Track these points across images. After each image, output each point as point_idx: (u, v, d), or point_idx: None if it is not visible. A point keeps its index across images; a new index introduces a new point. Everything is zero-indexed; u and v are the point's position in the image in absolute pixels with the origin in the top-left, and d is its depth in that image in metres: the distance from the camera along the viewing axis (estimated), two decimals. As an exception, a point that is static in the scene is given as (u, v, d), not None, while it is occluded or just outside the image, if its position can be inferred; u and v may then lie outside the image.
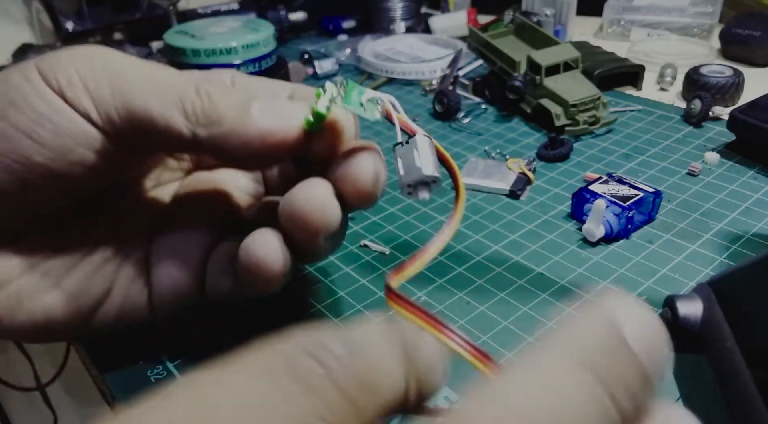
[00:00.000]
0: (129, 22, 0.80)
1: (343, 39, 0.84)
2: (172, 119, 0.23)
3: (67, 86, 0.23)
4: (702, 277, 0.36)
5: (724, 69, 0.58)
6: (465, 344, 0.17)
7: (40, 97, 0.23)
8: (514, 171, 0.47)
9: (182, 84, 0.24)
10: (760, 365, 0.17)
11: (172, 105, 0.23)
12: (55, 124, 0.23)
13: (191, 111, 0.23)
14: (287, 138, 0.24)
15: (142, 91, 0.23)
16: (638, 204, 0.39)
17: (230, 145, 0.24)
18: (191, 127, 0.23)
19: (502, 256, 0.39)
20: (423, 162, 0.24)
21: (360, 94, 0.24)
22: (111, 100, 0.23)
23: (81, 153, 0.24)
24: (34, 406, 0.90)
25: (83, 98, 0.23)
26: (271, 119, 0.24)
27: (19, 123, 0.22)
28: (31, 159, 0.23)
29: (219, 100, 0.24)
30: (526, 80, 0.56)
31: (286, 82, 0.30)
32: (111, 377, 0.31)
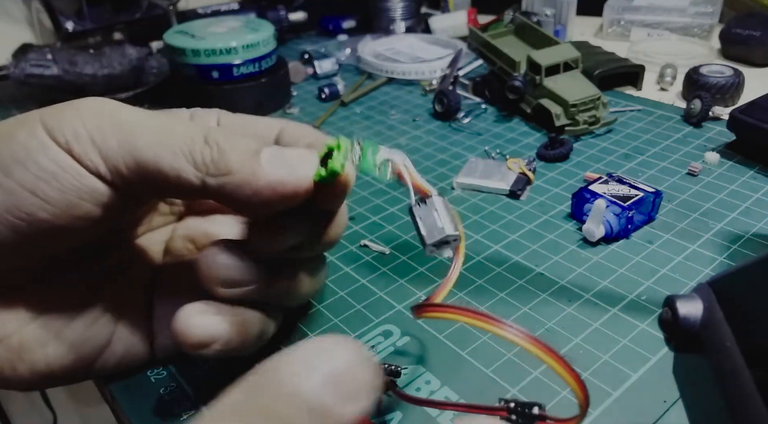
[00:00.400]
0: (129, 22, 0.80)
1: (343, 39, 0.84)
2: (181, 170, 0.23)
3: (74, 141, 0.23)
4: (702, 277, 0.36)
5: (724, 69, 0.58)
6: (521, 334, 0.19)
7: (46, 154, 0.22)
8: (514, 171, 0.47)
9: (190, 133, 0.24)
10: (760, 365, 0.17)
11: (181, 156, 0.23)
12: (62, 181, 0.22)
13: (201, 161, 0.23)
14: (298, 189, 0.24)
15: (151, 143, 0.23)
16: (638, 204, 0.39)
17: (240, 194, 0.23)
18: (201, 177, 0.23)
19: (502, 256, 0.39)
20: (444, 223, 0.25)
21: (374, 155, 0.25)
22: (119, 153, 0.23)
23: (86, 207, 0.23)
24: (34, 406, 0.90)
25: (91, 153, 0.23)
26: (281, 170, 0.23)
27: (24, 180, 0.22)
28: (35, 216, 0.23)
29: (228, 149, 0.23)
30: (526, 80, 0.56)
31: (273, 119, 0.30)
32: (111, 377, 0.31)
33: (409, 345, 0.32)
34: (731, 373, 0.18)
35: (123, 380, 0.30)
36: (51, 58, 0.62)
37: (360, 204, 0.45)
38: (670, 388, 0.28)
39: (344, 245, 0.40)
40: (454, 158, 0.51)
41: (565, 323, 0.33)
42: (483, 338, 0.32)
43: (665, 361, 0.30)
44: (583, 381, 0.20)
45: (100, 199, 0.23)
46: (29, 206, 0.22)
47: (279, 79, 0.64)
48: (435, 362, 0.31)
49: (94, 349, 0.28)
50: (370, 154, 0.25)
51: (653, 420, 0.27)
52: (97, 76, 0.62)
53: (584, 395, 0.20)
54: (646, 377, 0.29)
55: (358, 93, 0.66)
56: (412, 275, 0.37)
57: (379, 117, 0.61)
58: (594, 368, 0.30)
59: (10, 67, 0.62)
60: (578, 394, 0.20)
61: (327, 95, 0.65)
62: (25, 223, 0.23)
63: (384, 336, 0.33)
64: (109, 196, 0.24)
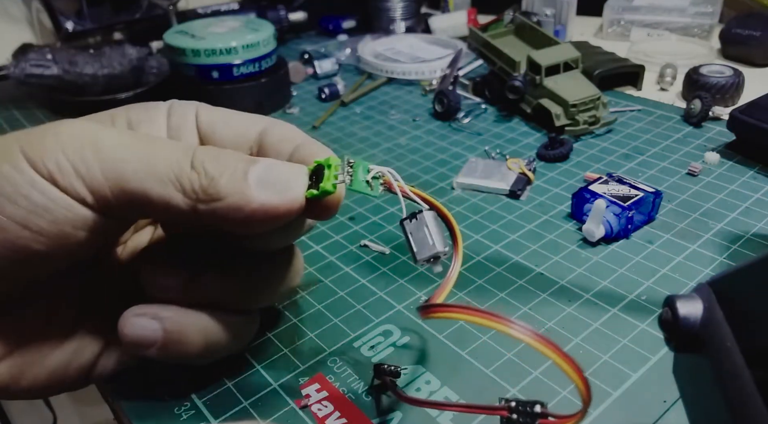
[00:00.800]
0: (129, 22, 0.80)
1: (343, 39, 0.84)
2: (171, 199, 0.23)
3: (57, 173, 0.22)
4: (702, 277, 0.36)
5: (724, 69, 0.58)
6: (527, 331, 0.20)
7: (34, 187, 0.22)
8: (514, 171, 0.47)
9: (176, 158, 0.23)
10: (760, 365, 0.17)
11: (169, 184, 0.23)
12: (54, 214, 0.22)
13: (190, 189, 0.23)
14: (290, 210, 0.24)
15: (137, 172, 0.22)
16: (638, 204, 0.39)
17: (233, 218, 0.23)
18: (191, 204, 0.23)
19: (502, 256, 0.39)
20: (435, 239, 0.25)
21: (365, 173, 0.25)
22: (105, 184, 0.22)
23: (79, 235, 0.23)
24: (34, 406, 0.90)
25: (76, 184, 0.22)
26: (272, 193, 0.23)
27: (15, 216, 0.22)
28: (29, 248, 0.22)
29: (217, 175, 0.23)
30: (526, 80, 0.56)
31: (255, 115, 0.29)
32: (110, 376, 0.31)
33: (409, 345, 0.32)
34: (731, 373, 0.18)
35: (123, 380, 0.30)
36: (51, 58, 0.62)
37: (360, 204, 0.45)
38: (670, 388, 0.28)
39: (344, 245, 0.40)
40: (454, 158, 0.51)
41: (565, 323, 0.33)
42: (483, 338, 0.32)
43: (665, 361, 0.30)
44: (586, 377, 0.20)
45: (92, 226, 0.23)
46: (22, 239, 0.22)
47: (279, 79, 0.64)
48: (435, 362, 0.31)
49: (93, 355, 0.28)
50: (361, 172, 0.25)
51: (653, 420, 0.27)
52: (97, 76, 0.62)
53: (587, 390, 0.20)
54: (646, 377, 0.29)
55: (358, 93, 0.66)
56: (412, 275, 0.37)
57: (379, 117, 0.61)
58: (594, 368, 0.30)
59: (10, 67, 0.62)
60: (581, 389, 0.20)
61: (327, 95, 0.65)
62: (17, 254, 0.22)
63: (384, 336, 0.33)
64: (100, 222, 0.23)
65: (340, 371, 0.31)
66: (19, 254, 0.22)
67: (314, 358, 0.31)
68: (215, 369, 0.31)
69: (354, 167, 0.25)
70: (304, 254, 0.39)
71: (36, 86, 0.63)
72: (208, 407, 0.29)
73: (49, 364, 0.26)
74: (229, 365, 0.31)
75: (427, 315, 0.24)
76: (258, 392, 0.30)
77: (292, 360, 0.31)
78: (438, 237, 0.25)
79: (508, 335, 0.20)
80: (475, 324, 0.22)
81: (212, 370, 0.31)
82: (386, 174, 0.26)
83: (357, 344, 0.32)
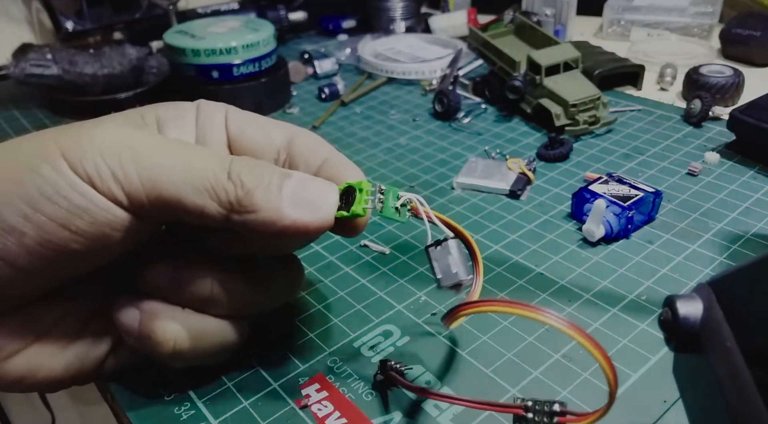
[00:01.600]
0: (129, 21, 0.80)
1: (343, 39, 0.84)
2: (205, 207, 0.23)
3: (96, 176, 0.22)
4: (702, 277, 0.36)
5: (724, 69, 0.58)
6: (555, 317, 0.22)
7: (76, 190, 0.22)
8: (514, 171, 0.47)
9: (212, 168, 0.24)
10: (760, 365, 0.17)
11: (204, 194, 0.23)
12: (93, 215, 0.23)
13: (225, 199, 0.23)
14: (320, 228, 0.25)
15: (173, 180, 0.23)
16: (638, 204, 0.39)
17: (264, 230, 0.24)
18: (224, 214, 0.24)
19: (502, 256, 0.39)
20: (459, 267, 0.26)
21: (395, 199, 0.26)
22: (141, 190, 0.23)
23: (115, 236, 0.24)
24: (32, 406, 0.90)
25: (114, 189, 0.23)
26: (305, 210, 0.24)
27: (56, 216, 0.22)
28: (67, 247, 0.23)
29: (253, 188, 0.24)
30: (526, 80, 0.56)
31: (284, 124, 0.30)
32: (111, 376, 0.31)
33: (409, 345, 0.32)
34: (731, 373, 0.18)
35: (123, 380, 0.30)
36: (51, 58, 0.62)
37: (360, 204, 0.45)
38: (670, 388, 0.28)
39: (344, 245, 0.40)
40: (454, 158, 0.51)
41: (565, 323, 0.33)
42: (483, 338, 0.32)
43: (665, 361, 0.30)
44: (614, 365, 0.21)
45: (128, 227, 0.24)
46: (62, 239, 0.22)
47: (279, 79, 0.64)
48: (435, 362, 0.31)
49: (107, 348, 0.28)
50: (391, 199, 0.26)
51: (653, 420, 0.27)
52: (97, 76, 0.62)
53: (614, 377, 0.21)
54: (647, 377, 0.29)
55: (358, 93, 0.66)
56: (412, 275, 0.37)
57: (379, 117, 0.61)
58: (594, 367, 0.30)
59: (10, 66, 0.62)
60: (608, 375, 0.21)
61: (327, 95, 0.65)
62: (57, 254, 0.23)
63: (384, 336, 0.33)
64: (135, 224, 0.24)
65: (340, 371, 0.31)
66: (58, 253, 0.23)
67: (314, 358, 0.31)
68: (216, 369, 0.31)
69: (384, 194, 0.26)
70: (304, 254, 0.40)
71: (36, 86, 0.63)
72: (208, 406, 0.29)
73: (65, 357, 0.27)
74: (230, 365, 0.31)
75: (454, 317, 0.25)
76: (258, 392, 0.30)
77: (292, 360, 0.31)
78: (461, 266, 0.26)
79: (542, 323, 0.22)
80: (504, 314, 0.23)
81: (213, 370, 0.31)
82: (414, 201, 0.27)
83: (357, 344, 0.32)
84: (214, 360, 0.29)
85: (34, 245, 0.22)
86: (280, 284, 0.29)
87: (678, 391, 0.23)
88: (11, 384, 0.26)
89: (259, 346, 0.32)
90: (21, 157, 0.23)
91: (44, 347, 0.26)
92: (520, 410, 0.23)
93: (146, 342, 0.26)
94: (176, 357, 0.27)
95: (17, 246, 0.22)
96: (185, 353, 0.27)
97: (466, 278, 0.26)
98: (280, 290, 0.29)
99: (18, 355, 0.26)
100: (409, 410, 0.28)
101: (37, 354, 0.26)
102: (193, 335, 0.27)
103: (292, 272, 0.30)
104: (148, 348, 0.26)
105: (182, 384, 0.30)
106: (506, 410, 0.24)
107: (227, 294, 0.27)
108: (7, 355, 0.25)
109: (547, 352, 0.31)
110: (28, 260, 0.23)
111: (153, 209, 0.23)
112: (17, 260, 0.22)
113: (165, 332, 0.26)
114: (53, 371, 0.27)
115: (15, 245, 0.22)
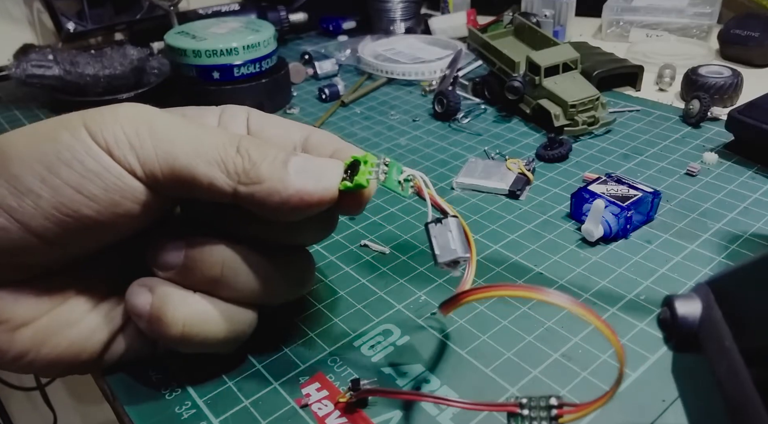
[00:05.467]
0: (130, 22, 0.80)
1: (343, 40, 0.84)
2: (215, 178, 0.25)
3: (114, 144, 0.24)
4: (701, 277, 0.36)
5: (723, 69, 0.59)
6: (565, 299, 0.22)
7: (91, 155, 0.24)
8: (513, 171, 0.47)
9: (223, 143, 0.25)
10: (758, 364, 0.17)
11: (214, 164, 0.24)
12: (105, 181, 0.24)
13: (233, 170, 0.25)
14: (324, 198, 0.25)
15: (186, 151, 0.24)
16: (637, 204, 0.39)
17: (269, 201, 0.25)
18: (232, 185, 0.25)
19: (501, 255, 0.39)
20: (457, 244, 0.27)
21: (399, 173, 0.27)
22: (156, 159, 0.24)
23: (127, 205, 0.25)
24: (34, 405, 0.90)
25: (130, 156, 0.24)
26: (309, 180, 0.25)
27: (70, 179, 0.23)
28: (80, 212, 0.24)
29: (259, 160, 0.25)
30: (525, 81, 0.56)
31: (301, 124, 0.32)
32: (111, 375, 0.31)
33: (409, 345, 0.32)
34: (730, 372, 0.18)
35: (124, 379, 0.31)
36: (52, 59, 0.62)
37: (360, 204, 0.45)
38: (669, 387, 0.28)
39: (344, 245, 0.41)
40: (453, 158, 0.52)
41: (564, 322, 0.33)
42: (482, 338, 0.32)
43: (664, 360, 0.30)
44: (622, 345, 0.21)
45: (139, 197, 0.25)
46: (75, 203, 0.24)
47: (279, 80, 0.64)
48: (435, 361, 0.31)
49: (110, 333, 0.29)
50: (395, 172, 0.27)
51: (652, 419, 0.27)
52: (98, 77, 0.62)
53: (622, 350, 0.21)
54: (645, 377, 0.29)
55: (358, 93, 0.66)
56: (412, 275, 0.37)
57: (379, 117, 0.61)
58: (593, 367, 0.30)
59: (11, 67, 0.62)
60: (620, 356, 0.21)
61: (327, 96, 0.66)
62: (71, 219, 0.24)
63: (384, 336, 0.33)
64: (147, 196, 0.25)
65: (341, 370, 0.31)
66: (72, 218, 0.24)
67: (314, 357, 0.32)
68: (216, 368, 0.31)
69: (389, 166, 0.27)
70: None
71: (37, 86, 0.63)
72: (208, 406, 0.29)
73: (70, 335, 0.27)
74: (230, 364, 0.31)
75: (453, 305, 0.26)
76: (258, 391, 0.30)
77: (293, 359, 0.32)
78: (459, 243, 0.27)
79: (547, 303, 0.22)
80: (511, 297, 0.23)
81: (213, 369, 0.31)
82: (417, 178, 0.27)
83: (357, 344, 0.32)
84: (221, 348, 0.29)
85: (49, 208, 0.23)
86: (291, 277, 0.30)
87: (677, 390, 0.23)
88: (15, 358, 0.26)
89: (260, 345, 0.32)
90: (45, 129, 0.24)
91: (52, 322, 0.27)
92: (515, 407, 0.23)
93: (156, 324, 0.27)
94: (185, 341, 0.27)
95: (33, 208, 0.23)
96: (193, 337, 0.27)
97: (463, 255, 0.27)
98: (290, 282, 0.30)
99: (27, 326, 0.26)
100: (409, 409, 0.28)
101: (45, 328, 0.27)
102: (202, 318, 0.27)
103: (304, 265, 0.30)
104: (158, 331, 0.27)
105: (183, 383, 0.30)
106: (501, 409, 0.24)
107: (237, 277, 0.27)
108: (17, 325, 0.26)
109: (546, 351, 0.31)
110: (43, 225, 0.23)
111: (165, 181, 0.24)
112: (32, 223, 0.23)
113: (175, 314, 0.26)
114: (57, 347, 0.27)
115: (31, 207, 0.23)
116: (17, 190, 0.23)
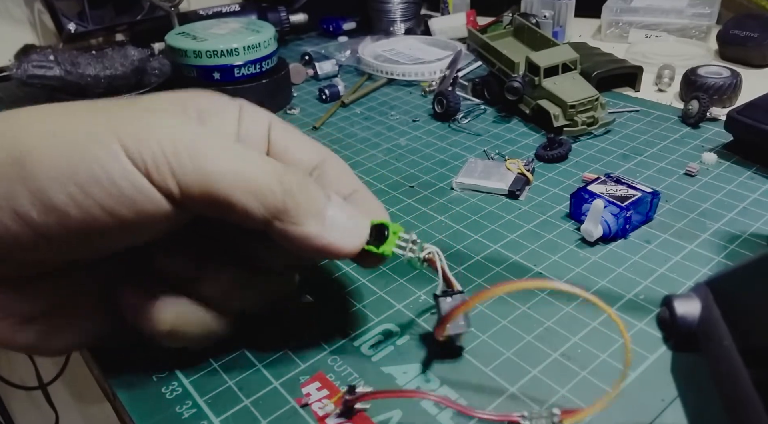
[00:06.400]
0: (131, 23, 0.81)
1: (344, 40, 0.85)
2: (251, 209, 0.24)
3: (153, 167, 0.23)
4: (700, 277, 0.36)
5: (722, 70, 0.59)
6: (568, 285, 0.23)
7: (127, 180, 0.22)
8: (512, 171, 0.47)
9: (266, 174, 0.24)
10: (757, 364, 0.17)
11: (254, 197, 0.24)
12: (140, 206, 0.23)
13: (272, 207, 0.24)
14: (347, 254, 0.27)
15: (227, 180, 0.24)
16: (636, 204, 0.40)
17: (298, 243, 0.25)
18: (268, 218, 0.25)
19: (501, 255, 0.39)
20: (464, 320, 0.29)
21: (420, 250, 0.29)
22: (194, 182, 0.23)
23: (157, 227, 0.24)
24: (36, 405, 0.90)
25: (169, 179, 0.23)
26: (340, 235, 0.26)
27: (104, 203, 0.22)
28: (109, 234, 0.23)
29: (302, 203, 0.25)
30: (524, 81, 0.56)
31: (319, 145, 0.32)
32: (113, 375, 0.31)
33: (409, 345, 0.32)
34: (729, 372, 0.18)
35: (125, 379, 0.31)
36: (53, 59, 0.62)
37: (360, 204, 0.45)
38: (668, 387, 0.28)
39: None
40: (453, 159, 0.52)
41: (564, 322, 0.33)
42: (482, 337, 0.32)
43: (663, 360, 0.30)
44: None
45: (170, 217, 0.24)
46: (105, 225, 0.23)
47: (280, 81, 0.64)
48: (434, 361, 0.31)
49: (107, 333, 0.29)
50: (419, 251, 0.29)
51: (651, 419, 0.27)
52: (99, 77, 0.62)
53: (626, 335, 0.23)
54: (645, 376, 0.30)
55: (358, 94, 0.66)
56: (412, 275, 0.37)
57: (379, 118, 0.61)
58: (592, 367, 0.30)
59: (12, 67, 0.62)
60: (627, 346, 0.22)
61: (327, 96, 0.66)
62: (95, 237, 0.23)
63: (384, 336, 0.33)
64: (174, 214, 0.24)
65: (341, 369, 0.31)
66: (95, 234, 0.23)
67: (315, 357, 0.32)
68: (217, 368, 0.31)
69: (417, 245, 0.29)
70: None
71: (38, 87, 0.63)
72: (209, 405, 0.29)
73: (75, 331, 0.28)
74: (231, 364, 0.31)
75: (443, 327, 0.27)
76: (259, 391, 0.30)
77: (293, 359, 0.32)
78: (465, 318, 0.29)
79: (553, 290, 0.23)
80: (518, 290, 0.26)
81: (214, 368, 0.31)
82: (434, 255, 0.29)
83: (357, 343, 0.32)
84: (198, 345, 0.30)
85: (75, 226, 0.22)
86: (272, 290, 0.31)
87: (676, 390, 0.23)
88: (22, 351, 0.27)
89: (261, 345, 0.32)
90: (72, 136, 0.22)
91: (58, 318, 0.27)
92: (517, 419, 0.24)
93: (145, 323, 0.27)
94: (169, 339, 0.28)
95: (58, 226, 0.22)
96: (177, 336, 0.28)
97: (467, 330, 0.29)
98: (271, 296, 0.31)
99: (32, 322, 0.26)
100: (409, 408, 0.28)
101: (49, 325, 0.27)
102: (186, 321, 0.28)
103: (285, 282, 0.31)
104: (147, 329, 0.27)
105: (184, 382, 0.30)
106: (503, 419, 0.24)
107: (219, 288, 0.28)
108: (22, 321, 0.26)
109: (545, 351, 0.31)
110: (62, 237, 0.23)
111: (201, 205, 0.24)
112: (53, 236, 0.23)
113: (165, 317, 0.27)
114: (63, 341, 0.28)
115: (56, 223, 0.22)
116: (43, 204, 0.22)
